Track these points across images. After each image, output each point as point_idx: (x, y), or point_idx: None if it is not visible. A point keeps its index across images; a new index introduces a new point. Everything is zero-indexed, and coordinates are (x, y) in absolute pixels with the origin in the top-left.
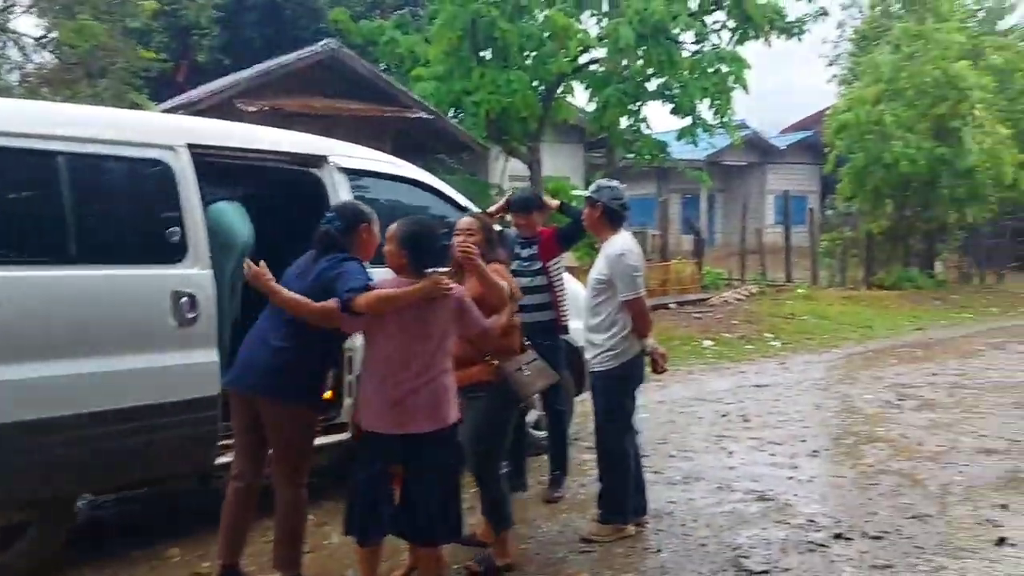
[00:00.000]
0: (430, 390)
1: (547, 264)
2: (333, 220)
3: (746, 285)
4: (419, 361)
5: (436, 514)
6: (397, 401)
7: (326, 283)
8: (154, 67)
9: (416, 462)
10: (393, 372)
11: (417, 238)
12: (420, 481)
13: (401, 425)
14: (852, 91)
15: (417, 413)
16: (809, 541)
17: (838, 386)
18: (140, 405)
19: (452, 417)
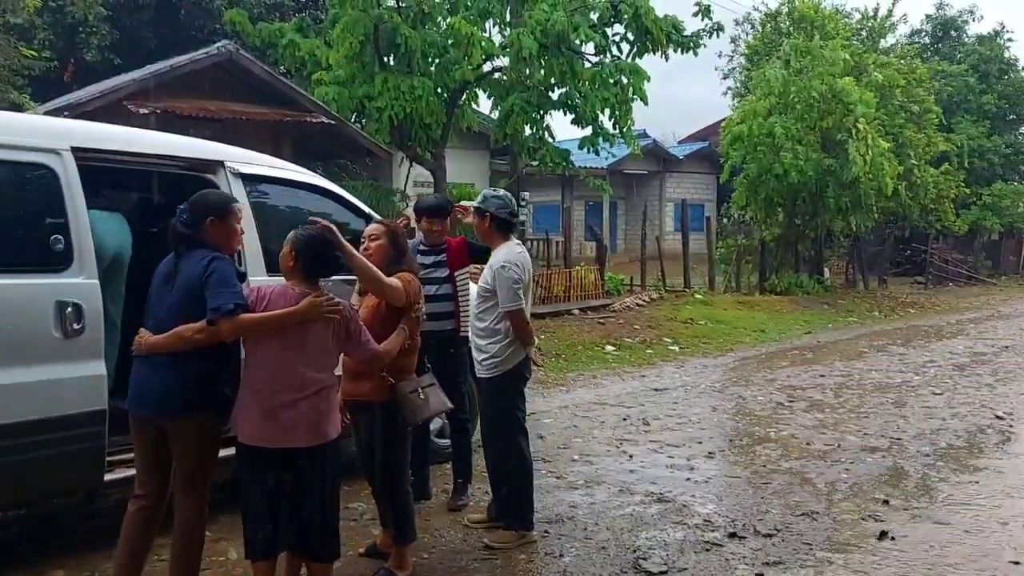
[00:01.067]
0: (309, 405)
1: (454, 276)
2: (181, 214)
3: (646, 291)
4: (298, 375)
5: (317, 530)
6: (273, 415)
7: (194, 286)
8: (37, 66)
9: (296, 477)
10: (271, 385)
11: (310, 245)
12: (301, 496)
13: (278, 439)
14: (745, 104)
15: (295, 428)
16: (705, 541)
17: (733, 388)
18: (22, 421)
19: (332, 433)
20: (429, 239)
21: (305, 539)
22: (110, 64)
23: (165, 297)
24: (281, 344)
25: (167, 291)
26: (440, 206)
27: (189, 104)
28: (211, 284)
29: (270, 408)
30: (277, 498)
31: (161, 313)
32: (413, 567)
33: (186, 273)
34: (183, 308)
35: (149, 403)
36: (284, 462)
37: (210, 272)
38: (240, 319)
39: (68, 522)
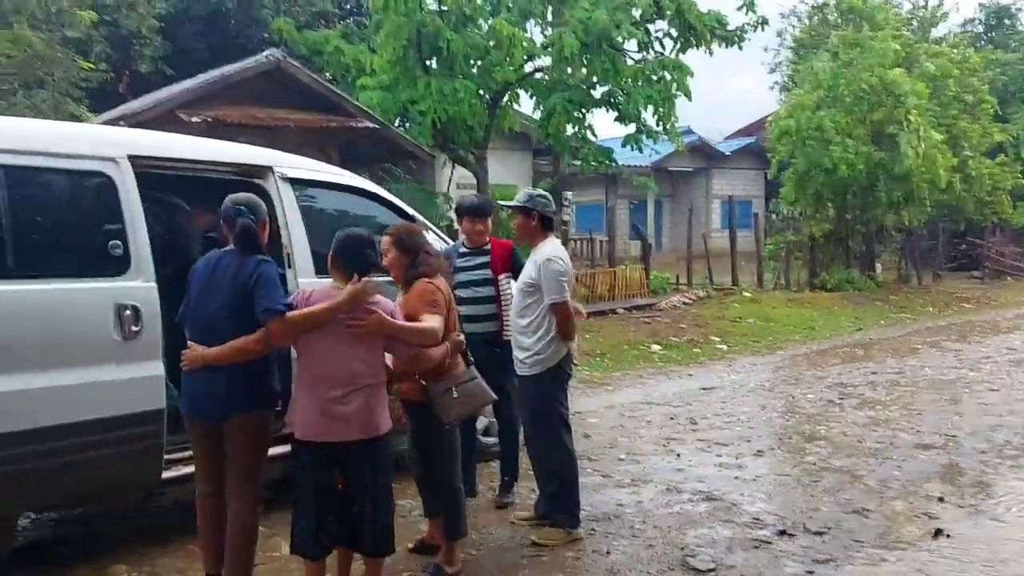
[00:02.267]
0: (361, 399)
1: (498, 278)
2: (247, 214)
3: (693, 289)
4: (348, 369)
5: (369, 525)
6: (326, 409)
7: (245, 287)
8: (94, 78)
9: (347, 471)
10: (323, 380)
11: (342, 245)
12: (353, 491)
13: (331, 434)
14: (792, 98)
15: (348, 422)
16: (754, 539)
17: (782, 387)
18: (84, 420)
19: (384, 427)
20: (472, 240)
21: (358, 534)
22: (163, 75)
23: (213, 296)
24: (331, 340)
25: (214, 287)
26: (481, 206)
27: (238, 112)
28: (260, 286)
29: (323, 403)
30: (329, 493)
31: (210, 310)
32: (462, 563)
33: (240, 272)
34: (235, 307)
35: (203, 406)
36: (337, 457)
37: (259, 275)
38: (288, 318)
39: (128, 519)
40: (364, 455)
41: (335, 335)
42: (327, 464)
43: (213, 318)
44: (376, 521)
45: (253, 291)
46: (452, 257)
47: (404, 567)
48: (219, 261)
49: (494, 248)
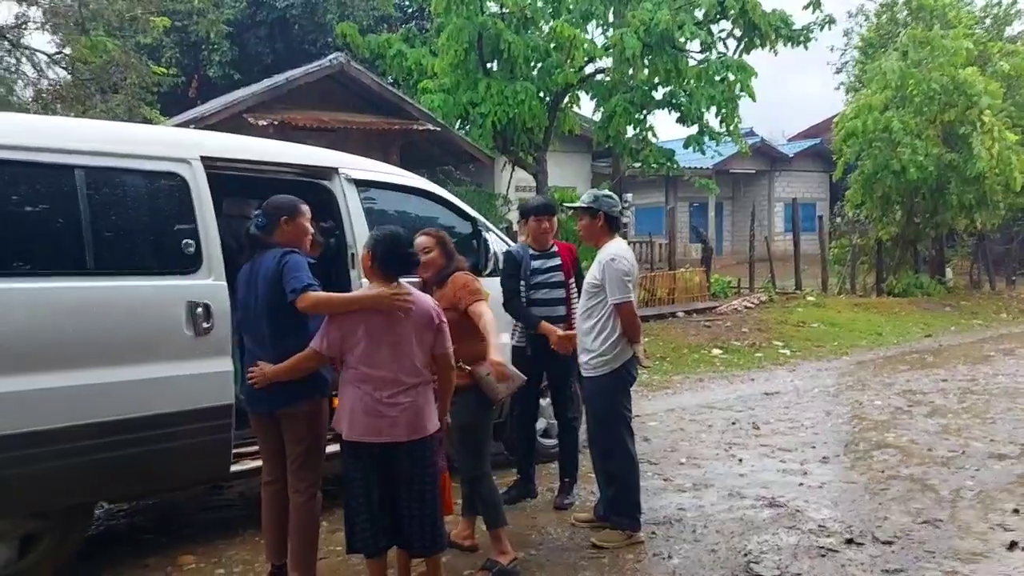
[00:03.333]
0: (408, 400)
1: (569, 282)
2: (257, 218)
3: (755, 293)
4: (395, 369)
5: (417, 524)
6: (373, 409)
7: (273, 280)
8: (165, 82)
9: (395, 472)
10: (369, 380)
11: (380, 244)
12: (399, 491)
13: (379, 434)
14: (859, 98)
15: (395, 423)
16: (820, 546)
17: (848, 393)
18: (157, 414)
19: (430, 428)
20: (538, 240)
21: (407, 535)
22: (230, 79)
23: (251, 293)
24: (377, 341)
25: (250, 287)
26: (548, 205)
27: (304, 115)
28: (286, 272)
29: (370, 404)
30: (378, 493)
31: (255, 305)
32: (519, 560)
33: (263, 270)
34: (271, 302)
35: (262, 399)
36: (384, 457)
37: (284, 263)
38: (312, 294)
39: (196, 512)
40: (412, 456)
41: (381, 334)
42: (374, 464)
43: (258, 316)
44: (424, 521)
45: (281, 279)
46: (524, 259)
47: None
48: (251, 267)
49: (561, 252)
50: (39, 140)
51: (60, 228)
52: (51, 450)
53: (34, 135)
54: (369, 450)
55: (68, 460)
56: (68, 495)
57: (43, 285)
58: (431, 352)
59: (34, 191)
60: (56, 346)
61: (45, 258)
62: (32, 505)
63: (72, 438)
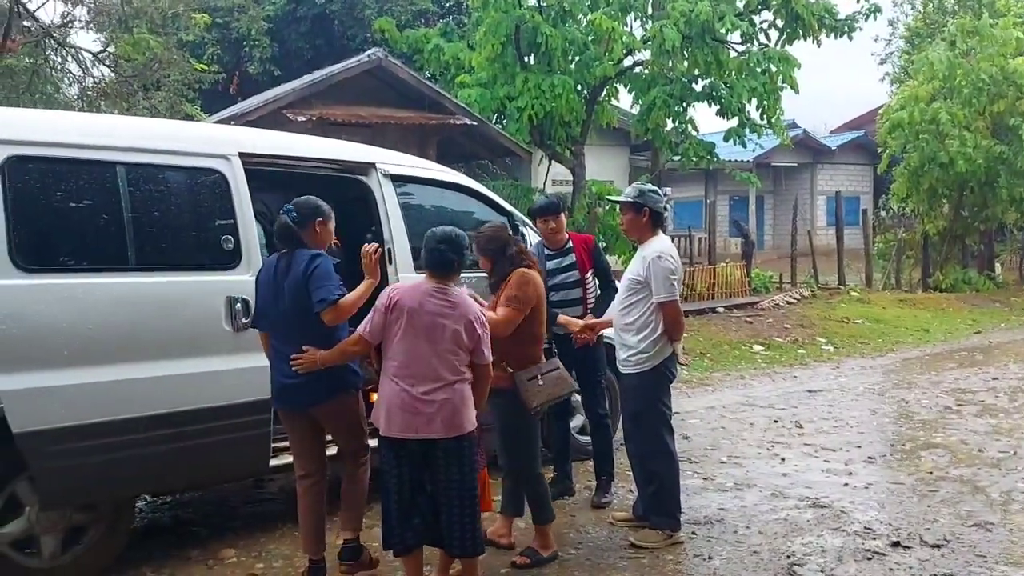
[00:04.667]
0: (445, 397)
1: (585, 278)
2: (290, 212)
3: (797, 288)
4: (432, 365)
5: (456, 525)
6: (410, 406)
7: (300, 282)
8: (207, 79)
9: (433, 469)
10: (406, 376)
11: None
12: (437, 490)
13: (416, 430)
14: (905, 89)
15: (432, 419)
16: (866, 549)
17: (894, 391)
18: (198, 408)
19: (468, 426)
20: (549, 240)
21: (445, 535)
22: (271, 76)
23: (279, 294)
24: (415, 337)
25: (278, 288)
26: (551, 204)
27: (342, 110)
28: (314, 279)
29: (407, 400)
30: (413, 490)
31: (283, 305)
32: (557, 554)
33: (294, 271)
34: (299, 302)
35: (295, 397)
36: (422, 455)
37: (313, 268)
38: (339, 305)
39: (238, 506)
40: (448, 454)
41: (421, 328)
42: (411, 461)
43: (286, 316)
44: (464, 523)
45: (308, 285)
46: (539, 260)
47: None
48: (276, 264)
49: (576, 246)
50: (81, 137)
51: (101, 225)
52: (98, 444)
53: (76, 132)
54: (406, 446)
55: (113, 454)
56: (113, 488)
57: (87, 281)
58: (471, 358)
59: (75, 187)
60: (99, 341)
61: (88, 254)
62: (80, 497)
63: (117, 432)
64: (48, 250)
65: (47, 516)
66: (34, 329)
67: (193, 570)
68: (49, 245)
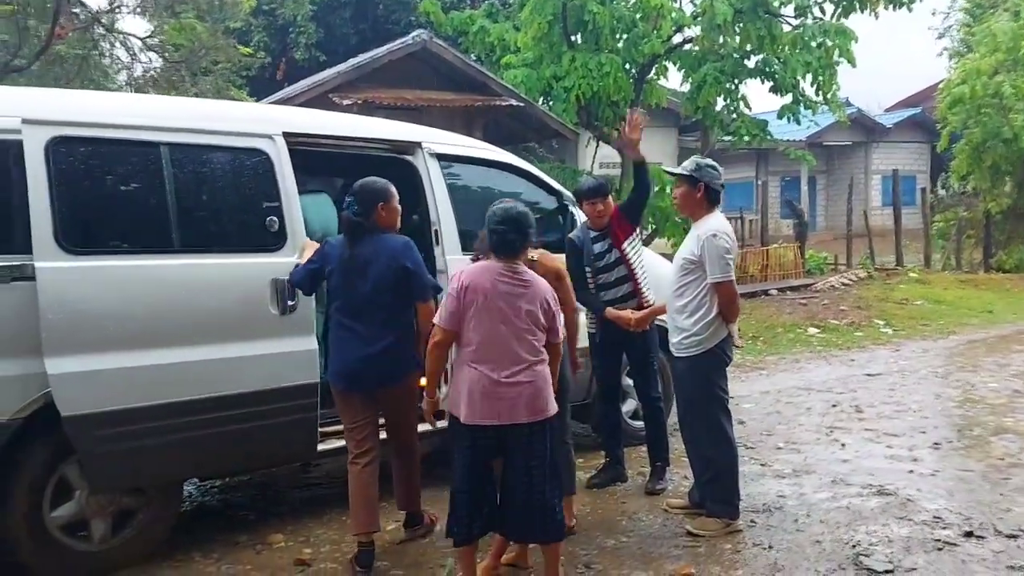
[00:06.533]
0: (526, 379)
1: (623, 250)
2: (351, 206)
3: (853, 269)
4: (512, 348)
5: (539, 511)
6: (492, 391)
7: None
8: (253, 65)
9: (514, 454)
10: (486, 360)
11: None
12: (516, 476)
13: (500, 416)
14: (967, 63)
15: (515, 404)
16: (936, 539)
17: (959, 374)
18: (245, 392)
19: (552, 407)
20: (595, 222)
21: (523, 520)
22: (316, 61)
23: (360, 276)
24: (491, 320)
25: (358, 270)
26: (600, 186)
27: (388, 93)
28: (414, 274)
29: (488, 385)
30: (484, 479)
31: (364, 288)
32: (576, 531)
33: (384, 256)
34: (390, 283)
35: (366, 378)
36: (500, 441)
37: (412, 260)
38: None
39: (285, 490)
40: (534, 437)
41: (494, 313)
42: (487, 448)
43: (367, 298)
44: (546, 507)
45: (408, 274)
46: (585, 243)
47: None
48: (352, 246)
49: (612, 221)
50: (123, 118)
51: (145, 206)
52: (144, 428)
53: (117, 113)
54: (485, 433)
55: (160, 438)
56: (161, 472)
57: (132, 263)
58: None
59: (120, 169)
60: (145, 325)
61: (133, 236)
62: (128, 482)
63: (163, 416)
64: (93, 232)
65: (96, 500)
66: (81, 312)
67: (241, 555)
68: (94, 227)
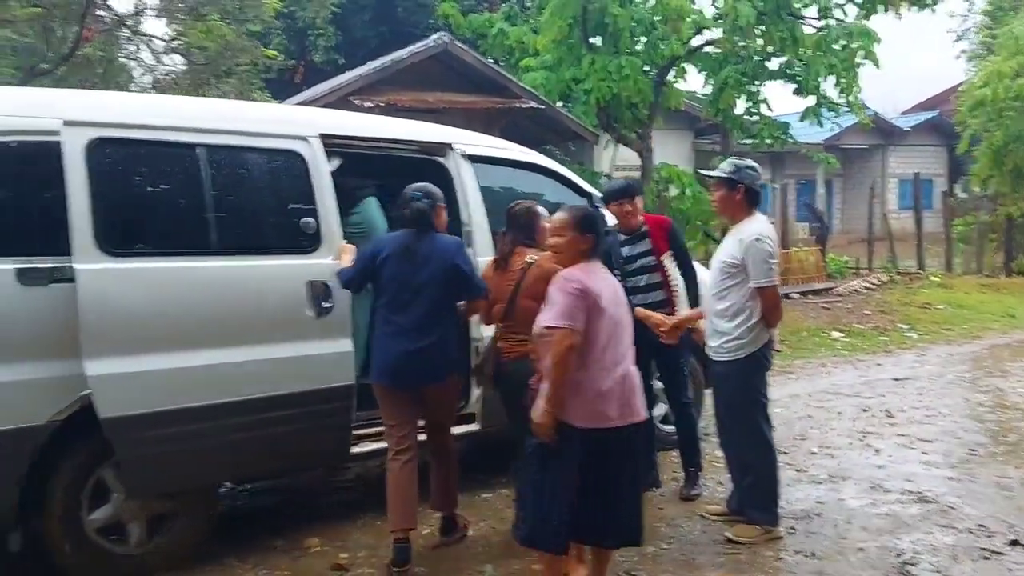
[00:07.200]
0: (634, 379)
1: (662, 260)
2: (420, 198)
3: (874, 273)
4: (625, 349)
5: (627, 512)
6: (620, 393)
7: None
8: (273, 68)
9: (618, 457)
10: (612, 364)
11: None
12: (619, 479)
13: (625, 417)
14: (987, 65)
15: (632, 405)
16: (981, 548)
17: (987, 379)
18: (282, 394)
19: (644, 411)
20: (624, 223)
21: (612, 523)
22: (335, 64)
23: (416, 270)
24: (611, 322)
25: (415, 265)
26: (628, 187)
27: (409, 96)
28: (466, 274)
29: (618, 388)
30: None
31: (418, 284)
32: (651, 555)
33: (440, 254)
34: (441, 281)
35: (415, 374)
36: (605, 444)
37: (464, 260)
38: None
39: (315, 495)
40: (634, 439)
41: (612, 315)
42: (596, 453)
43: (420, 295)
44: (636, 508)
45: (461, 273)
46: (614, 246)
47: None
48: (412, 240)
49: (652, 228)
50: (161, 119)
51: (184, 207)
52: (182, 430)
53: (156, 114)
54: (598, 436)
55: (197, 441)
56: (198, 475)
57: (171, 265)
58: None
59: (159, 170)
60: (183, 326)
61: (171, 238)
62: (166, 484)
63: (201, 418)
64: (132, 234)
65: (133, 503)
66: (120, 314)
67: (278, 560)
68: (133, 229)
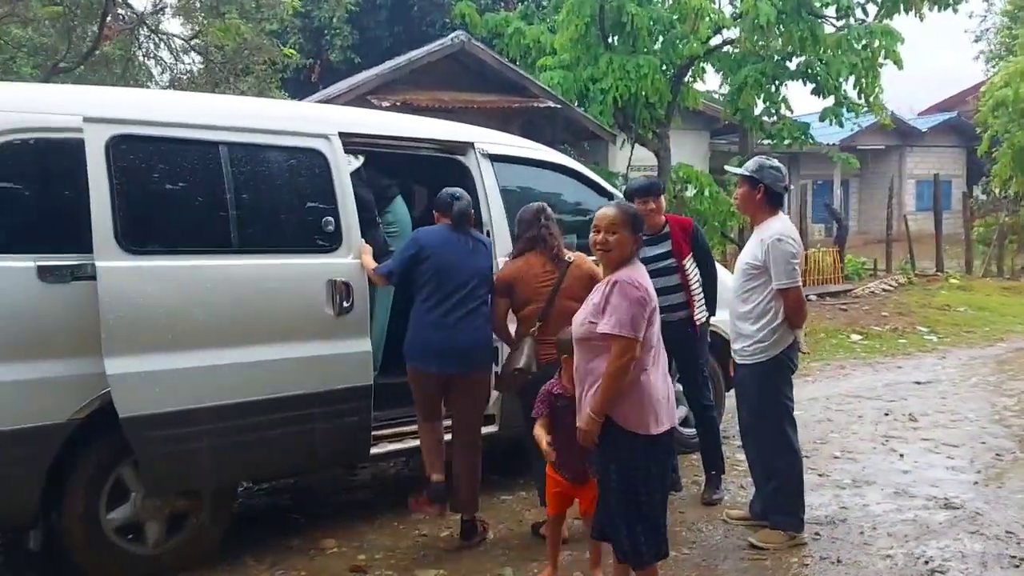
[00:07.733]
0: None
1: (684, 264)
2: (463, 198)
3: (892, 275)
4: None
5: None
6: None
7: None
8: (290, 66)
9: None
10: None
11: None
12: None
13: (670, 421)
14: (1009, 65)
15: (670, 408)
16: (1012, 556)
17: (1012, 383)
18: (301, 394)
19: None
20: (647, 223)
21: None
22: (351, 63)
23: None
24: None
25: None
26: (653, 185)
27: (425, 95)
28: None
29: (663, 393)
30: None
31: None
32: (673, 560)
33: (482, 251)
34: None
35: (457, 361)
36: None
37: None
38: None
39: (330, 494)
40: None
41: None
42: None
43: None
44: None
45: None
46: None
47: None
48: (455, 237)
49: (673, 230)
50: (183, 116)
51: (205, 205)
52: (202, 429)
53: (177, 111)
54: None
55: (217, 440)
56: (217, 474)
57: (191, 263)
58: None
59: (180, 168)
60: (203, 325)
61: (192, 236)
62: (185, 483)
63: (220, 417)
64: (153, 231)
65: (151, 503)
66: (140, 312)
67: (295, 560)
68: (154, 226)
